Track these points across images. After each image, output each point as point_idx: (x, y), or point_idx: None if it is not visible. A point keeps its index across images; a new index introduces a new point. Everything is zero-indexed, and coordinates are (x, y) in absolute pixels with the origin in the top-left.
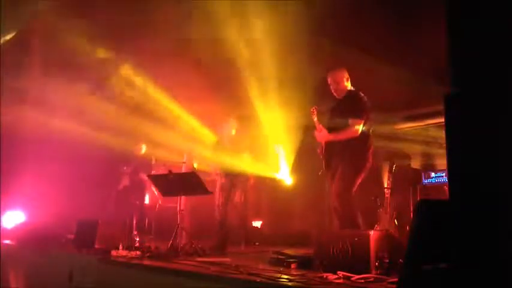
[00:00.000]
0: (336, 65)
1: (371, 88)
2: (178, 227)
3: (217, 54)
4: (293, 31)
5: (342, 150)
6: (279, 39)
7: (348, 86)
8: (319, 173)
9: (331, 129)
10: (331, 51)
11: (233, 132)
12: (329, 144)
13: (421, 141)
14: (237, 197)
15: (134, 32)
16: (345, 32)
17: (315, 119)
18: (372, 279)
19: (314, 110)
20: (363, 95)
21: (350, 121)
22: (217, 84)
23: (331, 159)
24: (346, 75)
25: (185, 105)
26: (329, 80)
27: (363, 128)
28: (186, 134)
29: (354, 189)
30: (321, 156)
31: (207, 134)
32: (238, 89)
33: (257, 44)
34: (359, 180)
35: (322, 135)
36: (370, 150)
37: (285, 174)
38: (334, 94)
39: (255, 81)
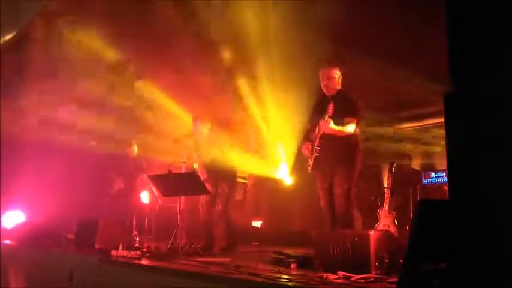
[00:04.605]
0: (330, 61)
1: (372, 88)
2: (178, 227)
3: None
4: (296, 31)
5: (335, 149)
6: (282, 40)
7: (339, 85)
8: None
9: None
10: (333, 51)
11: (205, 131)
12: (324, 140)
13: (421, 141)
14: (223, 196)
15: (132, 32)
16: (346, 32)
17: (331, 109)
18: (372, 279)
19: (332, 105)
20: (355, 96)
21: (346, 119)
22: (219, 83)
23: (322, 159)
24: (339, 73)
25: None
26: (320, 75)
27: (356, 129)
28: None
29: (354, 190)
30: (309, 154)
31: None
32: (239, 89)
33: (260, 44)
34: (356, 181)
35: (326, 125)
36: (360, 151)
37: (285, 174)
38: (324, 90)
39: (257, 82)
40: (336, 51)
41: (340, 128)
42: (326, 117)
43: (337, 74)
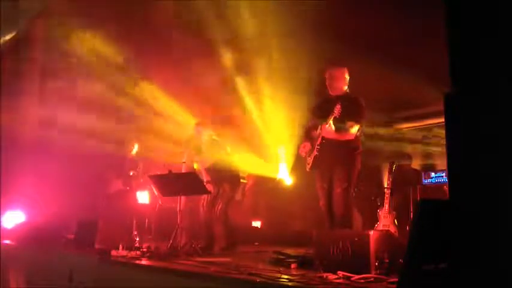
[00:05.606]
0: (338, 62)
1: (372, 88)
2: (178, 227)
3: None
4: (297, 32)
5: (335, 151)
6: (283, 41)
7: (345, 86)
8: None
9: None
10: (333, 50)
11: (206, 137)
12: (325, 140)
13: (421, 141)
14: (225, 196)
15: (133, 32)
16: (346, 32)
17: (335, 114)
18: (372, 279)
19: (339, 106)
20: (362, 100)
21: (349, 124)
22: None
23: (321, 159)
24: (346, 74)
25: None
26: (327, 75)
27: (357, 132)
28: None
29: (353, 190)
30: (307, 155)
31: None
32: (240, 89)
33: (261, 45)
34: (355, 181)
35: (329, 130)
36: (361, 154)
37: (285, 174)
38: (328, 89)
39: (258, 82)
40: (337, 50)
41: (342, 132)
42: (329, 122)
43: (343, 74)
